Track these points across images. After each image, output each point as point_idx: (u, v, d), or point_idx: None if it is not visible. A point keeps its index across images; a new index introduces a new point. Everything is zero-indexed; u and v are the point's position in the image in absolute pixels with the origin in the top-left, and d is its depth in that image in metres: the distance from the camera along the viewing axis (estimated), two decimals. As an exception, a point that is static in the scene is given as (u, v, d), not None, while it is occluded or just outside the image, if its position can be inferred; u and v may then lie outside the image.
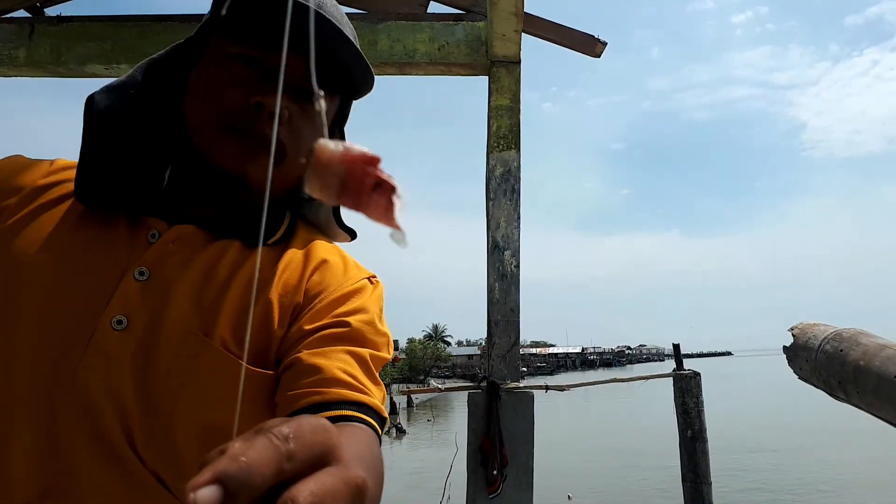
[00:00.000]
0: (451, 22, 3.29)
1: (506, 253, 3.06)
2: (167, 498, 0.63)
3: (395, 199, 0.28)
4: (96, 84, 0.74)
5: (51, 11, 3.51)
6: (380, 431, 0.62)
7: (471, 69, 3.29)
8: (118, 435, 0.62)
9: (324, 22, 0.67)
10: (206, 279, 0.68)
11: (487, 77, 3.21)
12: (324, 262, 0.74)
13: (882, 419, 1.23)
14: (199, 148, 0.69)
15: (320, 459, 0.29)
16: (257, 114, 0.67)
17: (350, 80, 0.75)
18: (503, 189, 3.10)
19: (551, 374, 77.53)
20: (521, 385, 3.00)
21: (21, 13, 3.44)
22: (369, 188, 0.27)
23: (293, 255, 0.73)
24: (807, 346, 1.46)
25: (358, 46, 0.73)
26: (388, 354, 0.71)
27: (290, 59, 0.69)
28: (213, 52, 0.71)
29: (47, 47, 3.29)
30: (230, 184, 0.69)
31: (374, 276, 0.78)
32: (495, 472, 2.82)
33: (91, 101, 0.71)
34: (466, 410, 2.98)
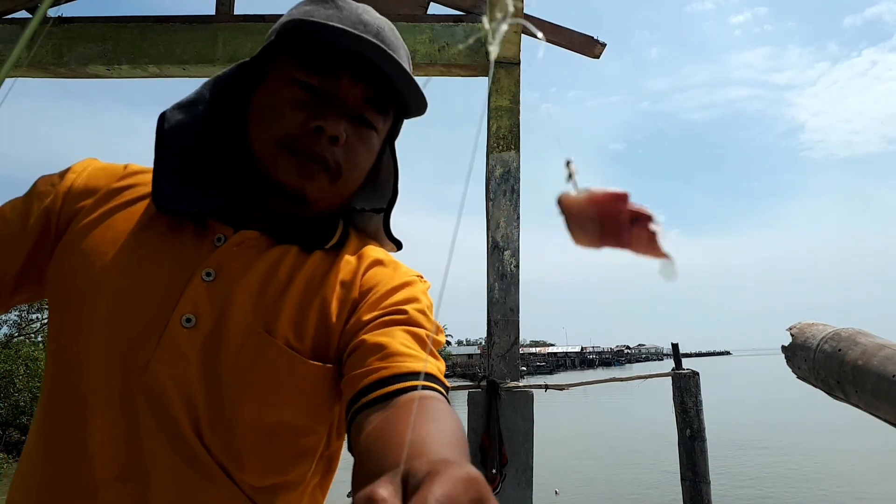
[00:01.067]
0: (451, 23, 3.30)
1: (505, 253, 3.08)
2: (231, 487, 0.67)
3: (655, 228, 0.27)
4: (97, 84, 0.76)
5: (52, 12, 3.52)
6: (448, 399, 0.65)
7: (471, 70, 3.30)
8: (186, 426, 0.66)
9: (382, 52, 0.71)
10: (268, 280, 0.72)
11: (487, 78, 3.22)
12: (376, 261, 0.79)
13: (880, 418, 1.24)
14: (260, 163, 0.74)
15: None
16: (317, 137, 0.72)
17: (403, 102, 0.79)
18: (503, 189, 3.11)
19: (550, 373, 77.55)
20: (520, 384, 3.02)
21: (22, 14, 3.45)
22: (627, 224, 0.27)
23: (347, 258, 0.78)
24: (805, 345, 1.47)
25: (410, 70, 0.77)
26: (442, 339, 0.75)
27: (350, 84, 0.73)
28: (277, 75, 0.75)
29: (49, 48, 3.30)
30: (289, 198, 0.74)
31: (422, 276, 0.82)
32: (494, 471, 2.83)
33: (163, 118, 0.76)
34: (466, 409, 2.99)
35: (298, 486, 0.74)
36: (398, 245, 0.90)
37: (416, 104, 0.79)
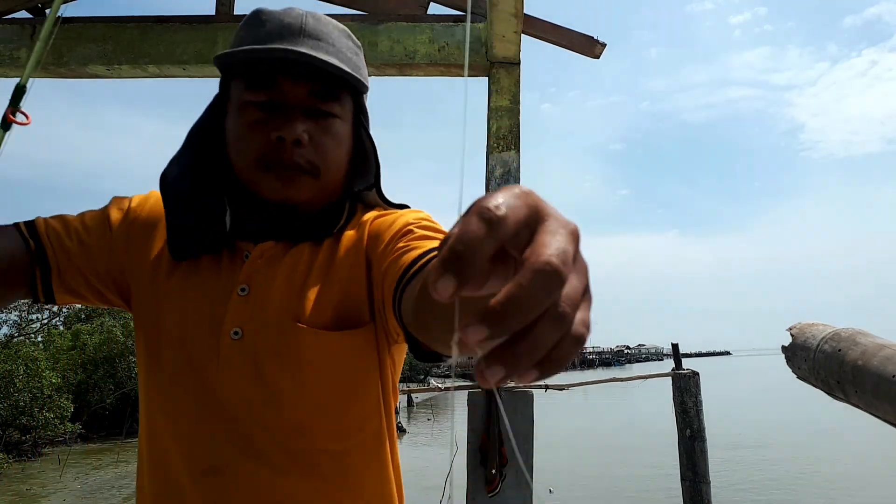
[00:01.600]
0: (450, 23, 3.30)
1: (506, 253, 3.08)
2: (301, 478, 0.77)
3: None
4: (97, 84, 0.78)
5: (52, 12, 3.52)
6: None
7: (471, 70, 3.30)
8: (253, 426, 0.77)
9: (302, 54, 0.77)
10: (290, 279, 0.81)
11: (487, 78, 3.22)
12: (375, 216, 0.86)
13: (880, 418, 1.24)
14: (248, 186, 0.82)
15: (530, 217, 0.32)
16: (282, 146, 0.78)
17: (349, 83, 0.84)
18: (503, 189, 3.11)
19: (551, 373, 77.34)
20: (520, 385, 3.01)
21: (22, 14, 3.45)
22: None
23: (350, 232, 0.86)
24: (805, 345, 1.47)
25: (344, 52, 0.84)
26: None
27: (291, 86, 0.77)
28: (233, 103, 0.82)
29: (49, 48, 3.30)
30: (283, 209, 0.82)
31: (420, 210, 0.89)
32: (494, 472, 2.83)
33: (164, 178, 0.85)
34: (466, 410, 2.99)
35: (374, 441, 0.83)
36: (404, 209, 0.94)
37: (358, 82, 0.83)
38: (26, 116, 1.17)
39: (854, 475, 12.83)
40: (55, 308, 20.41)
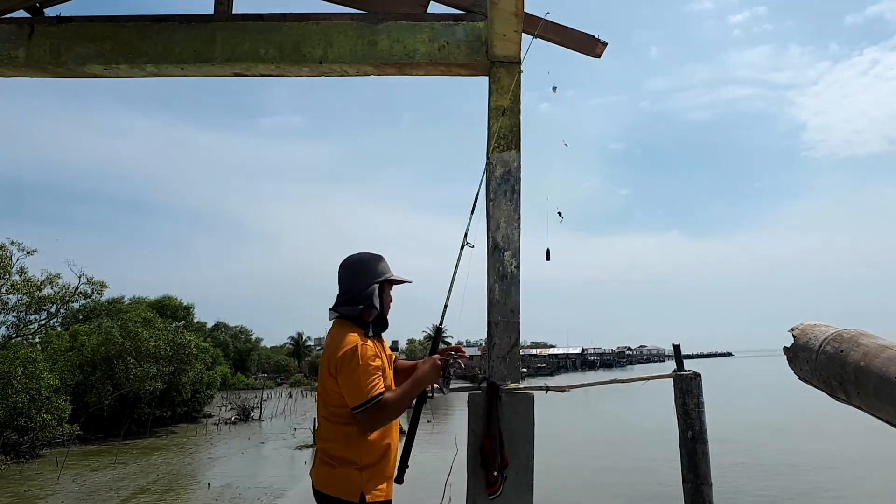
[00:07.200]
0: (451, 22, 3.28)
1: (506, 254, 3.06)
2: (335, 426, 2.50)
3: None
4: (96, 84, 0.76)
5: (50, 12, 3.51)
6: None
7: (471, 69, 3.28)
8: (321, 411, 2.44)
9: (408, 280, 2.60)
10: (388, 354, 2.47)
11: (487, 77, 3.21)
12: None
13: (882, 419, 1.23)
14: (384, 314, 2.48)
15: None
16: (390, 305, 2.51)
17: None
18: (503, 189, 3.09)
19: (551, 374, 77.39)
20: (521, 386, 3.00)
21: (21, 13, 3.44)
22: None
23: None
24: (807, 346, 1.46)
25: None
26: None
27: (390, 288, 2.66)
28: (385, 286, 2.43)
29: (47, 48, 3.29)
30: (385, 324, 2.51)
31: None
32: (495, 473, 2.81)
33: (364, 318, 2.43)
34: (466, 411, 2.97)
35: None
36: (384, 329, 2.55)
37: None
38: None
39: (857, 477, 12.81)
40: (52, 308, 20.36)
